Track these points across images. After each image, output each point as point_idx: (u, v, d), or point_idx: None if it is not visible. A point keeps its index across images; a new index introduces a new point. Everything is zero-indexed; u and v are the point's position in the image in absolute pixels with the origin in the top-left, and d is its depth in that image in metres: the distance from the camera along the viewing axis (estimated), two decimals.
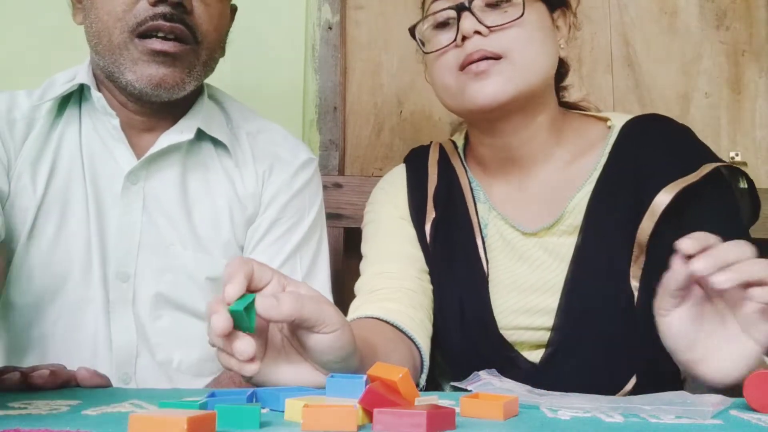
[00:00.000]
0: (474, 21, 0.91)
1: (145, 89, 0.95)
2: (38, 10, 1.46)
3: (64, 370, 0.73)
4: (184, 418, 0.43)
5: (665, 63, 1.55)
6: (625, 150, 0.96)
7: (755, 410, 0.56)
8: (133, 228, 0.99)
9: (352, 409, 0.46)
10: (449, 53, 0.94)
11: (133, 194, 1.00)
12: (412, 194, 1.05)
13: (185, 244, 1.00)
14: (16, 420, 0.51)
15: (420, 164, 1.08)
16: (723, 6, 1.55)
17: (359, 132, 1.56)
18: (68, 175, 1.00)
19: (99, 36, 0.95)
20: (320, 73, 1.53)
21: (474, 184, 1.04)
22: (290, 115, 1.51)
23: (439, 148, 1.09)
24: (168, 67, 0.95)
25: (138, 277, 0.98)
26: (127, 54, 0.94)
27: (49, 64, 1.08)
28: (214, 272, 1.01)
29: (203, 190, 1.04)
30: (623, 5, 1.56)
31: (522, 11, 0.91)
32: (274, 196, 1.06)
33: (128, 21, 0.93)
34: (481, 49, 0.91)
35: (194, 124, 1.03)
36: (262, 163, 1.07)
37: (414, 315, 0.93)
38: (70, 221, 0.98)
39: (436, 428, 0.46)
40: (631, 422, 0.51)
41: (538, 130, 0.98)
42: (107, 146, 1.01)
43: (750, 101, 1.53)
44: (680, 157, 0.93)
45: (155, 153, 1.00)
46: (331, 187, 1.41)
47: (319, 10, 1.54)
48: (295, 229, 1.06)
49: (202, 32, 0.97)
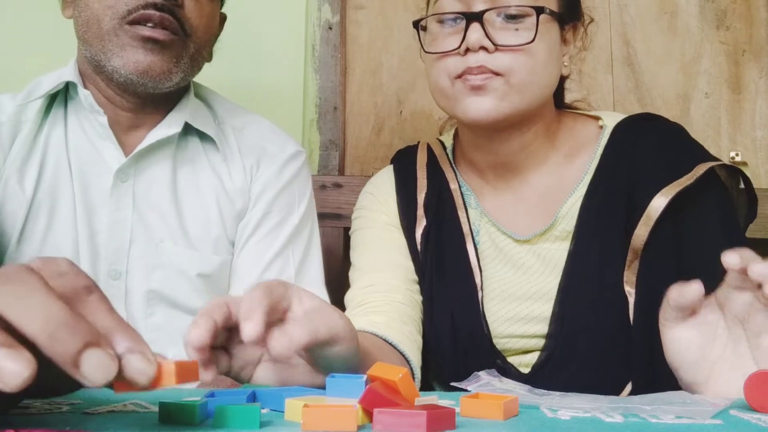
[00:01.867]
0: (482, 35, 0.87)
1: (131, 76, 0.95)
2: (38, 11, 1.46)
3: None
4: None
5: (665, 63, 1.55)
6: (617, 152, 0.94)
7: (755, 410, 0.56)
8: (124, 225, 1.00)
9: (352, 409, 0.46)
10: (450, 59, 0.90)
11: (122, 192, 1.00)
12: (401, 201, 1.03)
13: (175, 240, 1.01)
14: (16, 420, 0.51)
15: (408, 168, 1.05)
16: (723, 6, 1.55)
17: (359, 132, 1.56)
18: (55, 175, 1.00)
19: (88, 23, 0.96)
20: (320, 73, 1.53)
21: (464, 188, 1.01)
22: (290, 115, 1.51)
23: (427, 149, 1.07)
24: (156, 55, 0.95)
25: (130, 275, 0.99)
26: (116, 40, 0.94)
27: (49, 65, 1.08)
28: (205, 268, 1.02)
29: (192, 185, 1.04)
30: (623, 5, 1.56)
31: (534, 36, 0.87)
32: (262, 190, 1.06)
33: (119, 8, 0.93)
34: (483, 66, 0.87)
35: (181, 118, 1.03)
36: (249, 157, 1.07)
37: (403, 329, 0.91)
38: (58, 222, 0.99)
39: (436, 428, 0.46)
40: (631, 422, 0.51)
41: (534, 138, 0.96)
42: (94, 145, 1.02)
43: (750, 101, 1.53)
44: (674, 159, 0.91)
45: (144, 149, 1.01)
46: (331, 187, 1.41)
47: (319, 10, 1.54)
48: (286, 223, 1.07)
49: (192, 26, 0.98)
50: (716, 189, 0.91)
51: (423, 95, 1.53)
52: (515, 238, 0.96)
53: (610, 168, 0.94)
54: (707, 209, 0.89)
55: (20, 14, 1.49)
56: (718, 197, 0.90)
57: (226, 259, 1.05)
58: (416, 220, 1.00)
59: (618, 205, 0.91)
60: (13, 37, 1.49)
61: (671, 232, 0.88)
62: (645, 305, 0.86)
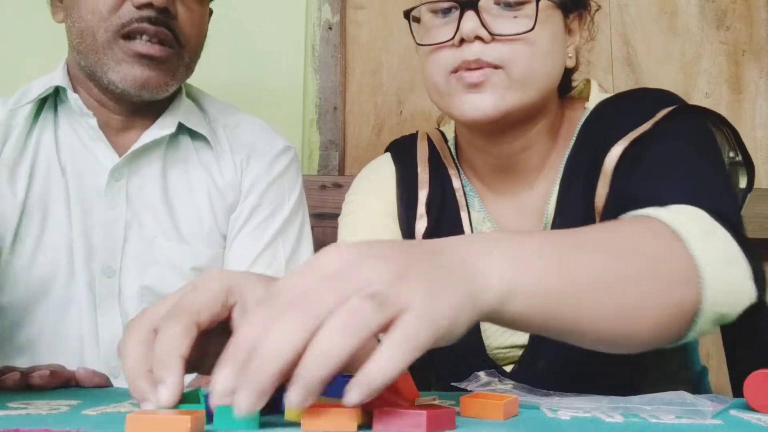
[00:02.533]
0: (477, 23, 0.79)
1: (128, 89, 0.97)
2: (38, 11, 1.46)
3: (64, 369, 0.73)
4: (187, 417, 0.43)
5: (665, 63, 1.55)
6: (587, 136, 0.86)
7: (755, 410, 0.56)
8: (118, 223, 1.01)
9: (352, 409, 0.46)
10: (444, 51, 0.82)
11: (116, 190, 1.02)
12: (401, 192, 0.95)
13: (168, 236, 1.03)
14: (16, 420, 0.51)
15: (409, 160, 0.97)
16: (723, 6, 1.55)
17: (359, 132, 1.56)
18: (47, 177, 1.01)
19: (82, 35, 0.96)
20: (320, 73, 1.53)
21: (468, 188, 0.93)
22: (290, 115, 1.51)
23: (428, 141, 0.98)
24: (152, 70, 0.96)
25: (123, 272, 1.01)
26: (111, 54, 0.95)
27: (49, 66, 1.08)
28: (198, 262, 1.04)
29: (183, 183, 1.06)
30: (623, 5, 1.56)
31: (534, 24, 0.79)
32: (252, 183, 1.08)
33: (113, 22, 0.94)
34: (479, 59, 0.79)
35: (175, 119, 1.05)
36: (240, 153, 1.09)
37: None
38: (52, 223, 1.00)
39: (436, 428, 0.46)
40: (631, 422, 0.51)
41: (537, 136, 0.88)
42: (86, 146, 1.03)
43: (750, 101, 1.53)
44: (639, 110, 0.82)
45: (138, 149, 1.02)
46: (331, 187, 1.41)
47: (319, 10, 1.54)
48: (276, 215, 1.09)
49: (186, 36, 0.99)
50: (682, 126, 0.79)
51: (423, 95, 1.52)
52: None
53: (579, 155, 0.85)
54: (663, 143, 0.78)
55: (20, 15, 1.49)
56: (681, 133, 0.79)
57: (218, 252, 1.06)
58: (416, 217, 0.93)
59: (587, 196, 0.82)
60: (13, 37, 1.49)
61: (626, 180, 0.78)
62: None
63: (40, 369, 0.70)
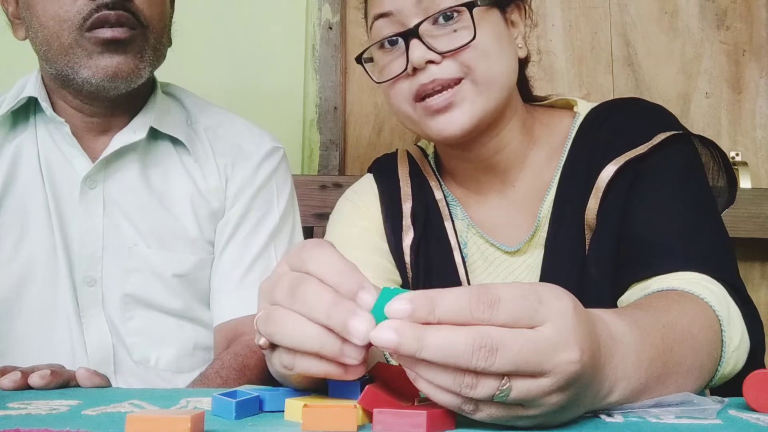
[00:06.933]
0: (424, 49, 0.82)
1: (102, 83, 0.96)
2: None
3: (64, 370, 0.73)
4: (188, 417, 0.43)
5: (665, 63, 1.55)
6: (586, 139, 0.88)
7: (755, 410, 0.56)
8: (95, 232, 1.00)
9: (352, 409, 0.46)
10: (402, 82, 0.85)
11: (92, 198, 1.01)
12: (386, 210, 0.96)
13: (148, 243, 1.01)
14: (16, 420, 0.51)
15: (390, 177, 0.99)
16: (723, 6, 1.55)
17: (359, 132, 1.56)
18: (25, 186, 1.01)
19: (48, 42, 0.96)
20: (320, 73, 1.53)
21: (450, 198, 0.96)
22: (290, 114, 1.51)
23: (408, 157, 1.01)
24: (120, 55, 0.96)
25: (105, 280, 1.00)
26: (80, 51, 0.95)
27: None
28: (180, 269, 1.02)
29: (163, 187, 1.04)
30: (623, 5, 1.56)
31: (473, 33, 0.82)
32: (239, 190, 1.06)
33: (74, 20, 0.94)
34: (436, 79, 0.82)
35: (147, 123, 1.03)
36: (224, 157, 1.07)
37: None
38: (31, 231, 0.99)
39: (436, 428, 0.46)
40: (631, 422, 0.51)
41: (510, 135, 0.90)
42: (64, 153, 1.02)
43: (750, 101, 1.53)
44: (635, 130, 0.84)
45: (110, 155, 1.01)
46: (331, 187, 1.41)
47: (319, 10, 1.54)
48: (266, 220, 1.07)
49: (146, 17, 0.98)
50: (677, 158, 0.83)
51: None
52: (504, 249, 0.91)
53: (577, 161, 0.88)
54: (660, 179, 0.82)
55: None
56: (676, 166, 0.82)
57: (203, 258, 1.04)
58: (402, 230, 0.94)
59: (583, 203, 0.85)
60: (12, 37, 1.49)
61: (621, 203, 0.82)
62: (600, 285, 0.81)
63: (40, 369, 0.70)
